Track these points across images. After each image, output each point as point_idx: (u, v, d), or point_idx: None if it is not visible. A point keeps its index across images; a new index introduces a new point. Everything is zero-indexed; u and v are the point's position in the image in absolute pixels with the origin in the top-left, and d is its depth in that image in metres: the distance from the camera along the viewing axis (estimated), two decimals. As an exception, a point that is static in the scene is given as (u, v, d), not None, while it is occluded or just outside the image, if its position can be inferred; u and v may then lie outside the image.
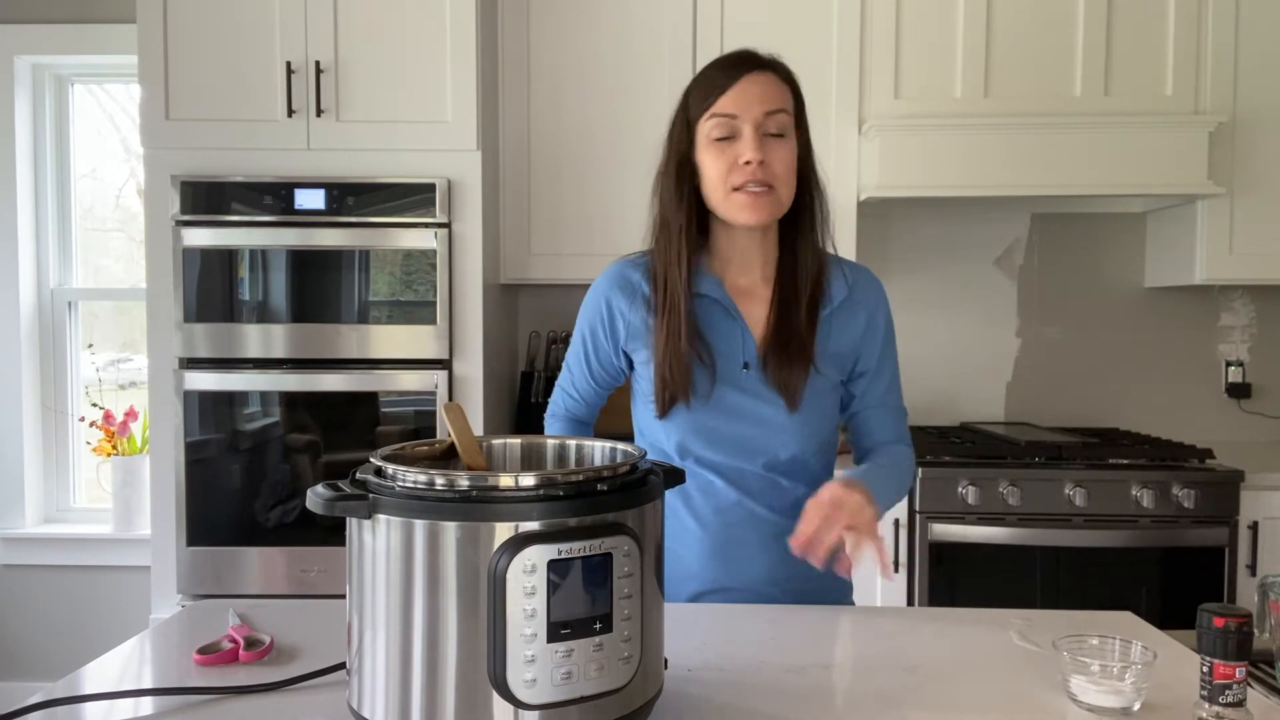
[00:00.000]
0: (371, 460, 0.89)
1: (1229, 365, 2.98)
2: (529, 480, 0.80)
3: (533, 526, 0.79)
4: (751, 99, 1.26)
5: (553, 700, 0.79)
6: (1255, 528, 2.36)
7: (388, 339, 2.35)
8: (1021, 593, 2.36)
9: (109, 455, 2.93)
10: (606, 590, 0.81)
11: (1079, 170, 2.52)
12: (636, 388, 1.41)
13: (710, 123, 1.28)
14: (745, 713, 0.94)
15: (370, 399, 2.35)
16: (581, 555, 0.80)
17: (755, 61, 1.29)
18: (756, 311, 1.35)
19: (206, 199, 2.33)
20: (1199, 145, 2.51)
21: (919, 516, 2.39)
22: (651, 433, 1.38)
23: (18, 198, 2.94)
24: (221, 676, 1.02)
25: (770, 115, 1.26)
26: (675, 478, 0.94)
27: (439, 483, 0.81)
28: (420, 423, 2.35)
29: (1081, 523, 2.35)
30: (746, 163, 1.25)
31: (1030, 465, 2.40)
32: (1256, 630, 1.01)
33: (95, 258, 3.15)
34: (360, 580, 0.84)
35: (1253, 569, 2.35)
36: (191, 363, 2.35)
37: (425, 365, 2.36)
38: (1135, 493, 2.35)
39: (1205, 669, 0.88)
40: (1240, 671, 0.87)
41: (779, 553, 1.34)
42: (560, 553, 0.79)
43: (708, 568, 1.36)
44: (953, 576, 2.39)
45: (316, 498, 0.83)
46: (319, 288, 2.33)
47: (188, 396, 2.34)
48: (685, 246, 1.31)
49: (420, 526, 0.80)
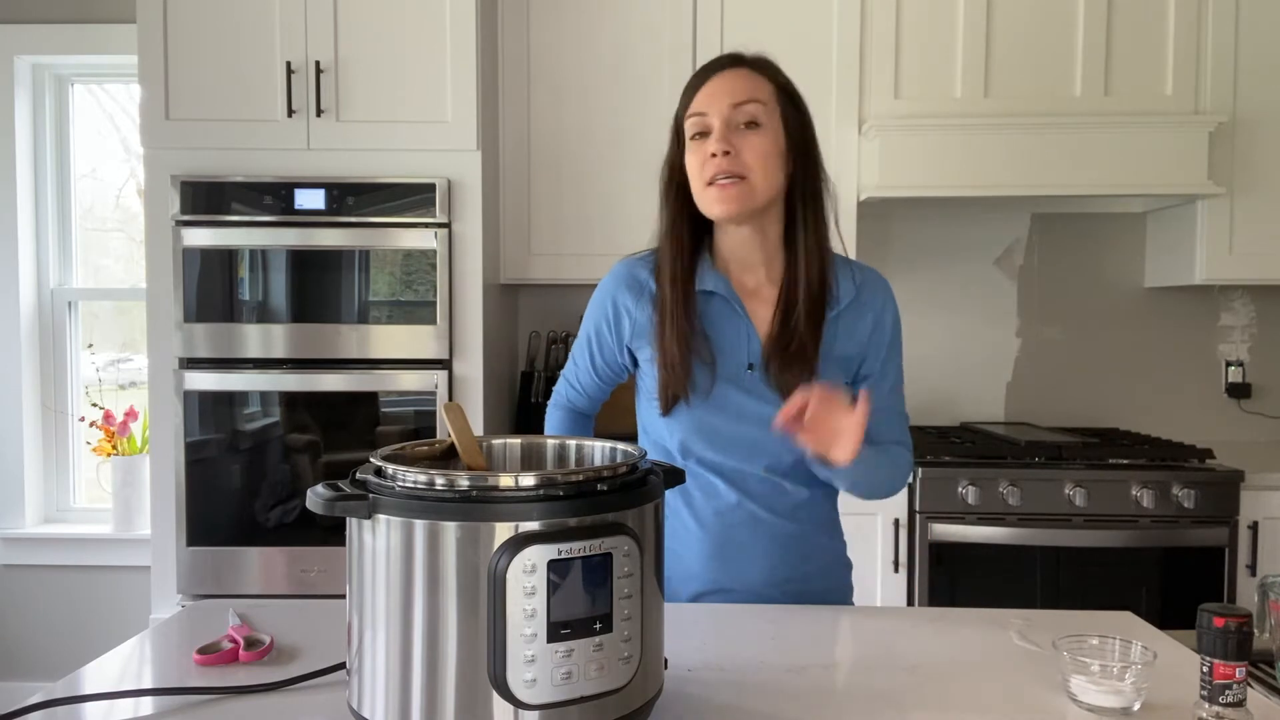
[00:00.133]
0: (371, 460, 0.89)
1: (1229, 365, 2.98)
2: (529, 480, 0.81)
3: (533, 526, 0.79)
4: (719, 94, 1.28)
5: (553, 700, 0.79)
6: (1255, 528, 2.36)
7: (388, 339, 2.35)
8: (1021, 593, 2.36)
9: (109, 455, 2.93)
10: (606, 590, 0.81)
11: (1079, 170, 2.52)
12: (641, 385, 1.41)
13: (688, 123, 1.31)
14: (745, 713, 0.94)
15: (370, 399, 2.35)
16: (581, 555, 0.80)
17: (730, 60, 1.32)
18: (762, 312, 1.35)
19: (206, 199, 2.33)
20: (1199, 145, 2.51)
21: (919, 516, 2.39)
22: (655, 432, 1.39)
23: (18, 198, 2.94)
24: (221, 676, 1.02)
25: (738, 106, 1.27)
26: (675, 478, 0.94)
27: (439, 483, 0.81)
28: (420, 423, 2.35)
29: (1081, 523, 2.35)
30: (713, 155, 1.26)
31: (1030, 465, 2.40)
32: (1256, 630, 1.01)
33: (95, 258, 3.15)
34: (360, 580, 0.84)
35: (1253, 569, 2.35)
36: (191, 363, 2.35)
37: (425, 365, 2.36)
38: (1135, 493, 2.35)
39: (1205, 669, 0.88)
40: (1240, 671, 0.87)
41: (779, 555, 1.35)
42: (560, 553, 0.79)
43: (708, 568, 1.35)
44: (953, 576, 2.39)
45: (316, 498, 0.83)
46: (319, 288, 2.33)
47: (188, 396, 2.34)
48: (678, 244, 1.33)
49: (420, 526, 0.80)
